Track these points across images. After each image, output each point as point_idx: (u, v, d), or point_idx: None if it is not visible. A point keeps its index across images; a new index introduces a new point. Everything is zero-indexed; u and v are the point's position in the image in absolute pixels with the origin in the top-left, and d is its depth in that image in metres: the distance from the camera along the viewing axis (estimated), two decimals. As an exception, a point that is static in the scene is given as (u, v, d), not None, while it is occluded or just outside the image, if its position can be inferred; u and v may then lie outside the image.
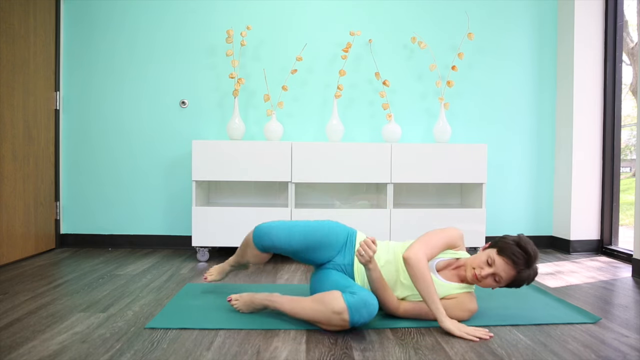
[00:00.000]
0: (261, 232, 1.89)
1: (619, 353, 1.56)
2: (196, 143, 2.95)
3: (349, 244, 1.93)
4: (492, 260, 1.70)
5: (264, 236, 1.88)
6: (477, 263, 1.74)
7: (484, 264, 1.72)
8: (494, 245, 1.76)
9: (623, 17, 3.34)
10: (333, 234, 1.92)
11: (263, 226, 1.90)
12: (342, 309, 1.61)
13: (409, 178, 3.01)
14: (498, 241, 1.76)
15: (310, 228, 1.90)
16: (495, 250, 1.72)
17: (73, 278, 2.47)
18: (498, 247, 1.72)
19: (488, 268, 1.71)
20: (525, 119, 3.50)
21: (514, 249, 1.68)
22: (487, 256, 1.72)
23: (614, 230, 3.32)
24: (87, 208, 3.36)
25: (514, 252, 1.68)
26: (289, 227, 1.89)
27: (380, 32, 3.40)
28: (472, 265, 1.76)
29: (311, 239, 1.89)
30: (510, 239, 1.74)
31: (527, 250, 1.68)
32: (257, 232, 1.91)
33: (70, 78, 3.35)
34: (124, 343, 1.59)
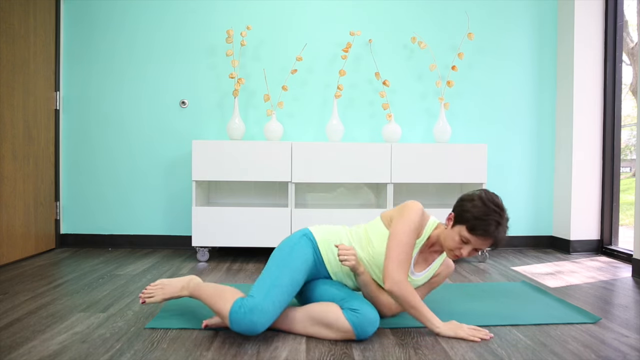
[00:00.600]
0: (244, 327, 1.53)
1: (619, 353, 1.56)
2: (196, 143, 2.95)
3: (318, 253, 1.79)
4: (467, 238, 1.64)
5: (249, 330, 1.54)
6: (453, 245, 1.67)
7: (459, 243, 1.66)
8: (460, 219, 1.66)
9: (623, 17, 3.34)
10: (307, 262, 1.73)
11: (245, 321, 1.52)
12: (347, 329, 1.61)
13: (409, 178, 3.01)
14: (462, 213, 1.65)
15: (293, 279, 1.66)
16: (465, 228, 1.64)
17: (73, 278, 2.47)
18: (467, 225, 1.63)
19: (466, 246, 1.66)
20: (525, 119, 3.50)
21: (483, 223, 1.61)
22: (459, 236, 1.65)
23: (614, 230, 3.32)
24: (87, 208, 3.36)
25: (485, 228, 1.61)
26: (277, 303, 1.58)
27: (380, 32, 3.40)
28: (449, 248, 1.70)
29: (299, 287, 1.70)
30: (473, 208, 1.63)
31: (496, 216, 1.62)
32: (239, 325, 1.54)
33: (70, 78, 3.35)
34: (124, 343, 1.59)
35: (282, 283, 1.62)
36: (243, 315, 1.52)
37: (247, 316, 1.52)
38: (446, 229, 1.71)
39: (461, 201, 1.70)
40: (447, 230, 1.71)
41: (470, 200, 1.66)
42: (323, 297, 1.73)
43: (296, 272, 1.68)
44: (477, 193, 1.68)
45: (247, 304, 1.53)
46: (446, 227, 1.72)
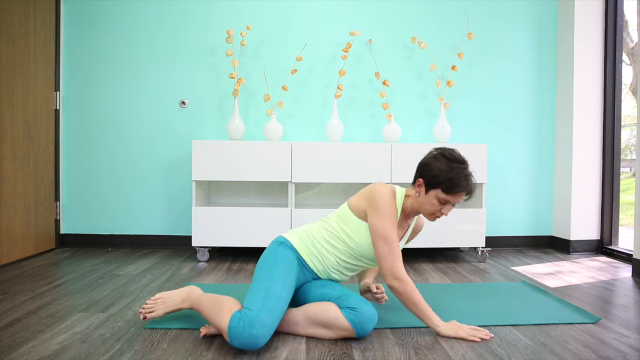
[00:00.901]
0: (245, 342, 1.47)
1: (619, 353, 1.56)
2: (196, 143, 2.95)
3: (300, 258, 1.77)
4: (445, 199, 1.69)
5: (250, 345, 1.48)
6: (433, 209, 1.71)
7: (438, 206, 1.70)
8: (432, 183, 1.69)
9: (623, 17, 3.34)
10: (294, 266, 1.72)
11: (245, 335, 1.46)
12: (347, 328, 1.61)
13: (409, 178, 3.00)
14: (432, 178, 1.68)
15: (285, 286, 1.63)
16: (441, 190, 1.68)
17: (73, 278, 2.47)
18: (442, 187, 1.67)
19: (446, 206, 1.71)
20: (525, 119, 3.50)
21: (456, 182, 1.66)
22: (436, 199, 1.69)
23: (614, 230, 3.32)
24: (87, 208, 3.36)
25: (459, 185, 1.66)
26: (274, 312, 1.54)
27: (380, 32, 3.40)
28: (428, 212, 1.73)
29: (291, 292, 1.66)
30: (442, 171, 1.67)
31: (464, 171, 1.68)
32: (239, 341, 1.47)
33: (70, 78, 3.35)
34: (124, 343, 1.59)
35: (275, 291, 1.58)
36: (242, 329, 1.46)
37: (247, 330, 1.46)
38: (418, 196, 1.73)
39: (426, 166, 1.72)
40: (421, 198, 1.73)
41: (436, 162, 1.70)
42: (318, 298, 1.73)
43: (286, 278, 1.66)
44: (436, 154, 1.73)
45: (245, 317, 1.48)
46: (417, 194, 1.73)
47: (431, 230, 2.98)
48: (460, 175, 1.67)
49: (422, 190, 1.72)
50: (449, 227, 2.99)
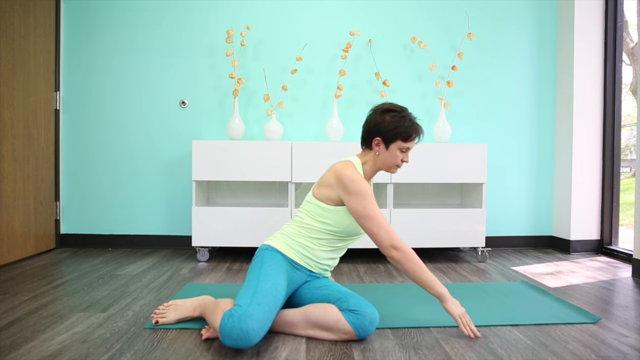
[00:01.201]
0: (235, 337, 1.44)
1: (619, 353, 1.56)
2: (196, 143, 2.95)
3: (288, 259, 1.78)
4: (405, 147, 1.78)
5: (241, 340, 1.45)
6: (396, 161, 1.79)
7: (400, 154, 1.79)
8: (390, 137, 1.76)
9: (623, 17, 3.34)
10: (282, 266, 1.72)
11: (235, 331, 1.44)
12: (348, 331, 1.61)
13: (409, 178, 3.01)
14: (389, 132, 1.76)
15: (275, 283, 1.63)
16: (401, 140, 1.77)
17: (73, 278, 2.47)
18: (401, 137, 1.76)
19: (405, 154, 1.80)
20: (525, 119, 3.50)
21: (409, 127, 1.76)
22: (398, 150, 1.78)
23: (614, 230, 3.32)
24: (87, 208, 3.36)
25: (413, 129, 1.77)
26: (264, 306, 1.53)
27: (380, 32, 3.40)
28: (391, 165, 1.81)
29: (283, 290, 1.65)
30: (393, 123, 1.75)
31: (409, 115, 1.78)
32: (230, 337, 1.45)
33: (70, 78, 3.35)
34: (124, 343, 1.59)
35: (264, 287, 1.58)
36: (232, 325, 1.44)
37: (236, 326, 1.43)
38: (378, 155, 1.80)
39: (377, 125, 1.78)
40: (382, 155, 1.80)
41: (384, 118, 1.77)
42: (317, 300, 1.73)
43: (275, 275, 1.65)
44: (380, 111, 1.79)
45: (235, 313, 1.46)
46: (377, 153, 1.80)
47: (431, 230, 2.98)
48: (411, 121, 1.78)
49: (381, 148, 1.79)
50: (449, 227, 2.99)
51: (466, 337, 1.68)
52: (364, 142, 1.84)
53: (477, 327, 1.78)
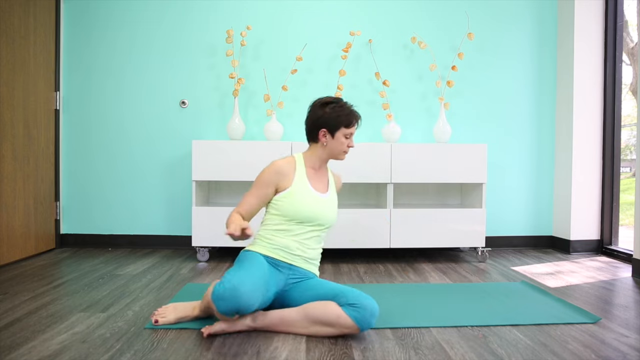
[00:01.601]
0: (228, 296, 1.57)
1: (619, 353, 1.56)
2: (196, 143, 2.94)
3: (266, 258, 1.85)
4: (349, 133, 1.91)
5: (233, 298, 1.57)
6: (343, 147, 1.92)
7: (345, 140, 1.91)
8: (334, 126, 1.88)
9: (623, 17, 3.34)
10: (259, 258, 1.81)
11: (227, 293, 1.56)
12: (350, 325, 1.62)
13: (409, 178, 3.01)
14: (331, 121, 1.88)
15: (258, 266, 1.74)
16: (344, 127, 1.89)
17: (73, 278, 2.47)
18: (344, 124, 1.89)
19: (350, 139, 1.93)
20: (525, 119, 3.50)
21: (349, 113, 1.89)
22: (343, 136, 1.90)
23: (614, 230, 3.32)
24: (87, 208, 3.36)
25: (352, 115, 1.91)
26: (249, 271, 1.67)
27: (380, 32, 3.40)
28: (340, 152, 1.93)
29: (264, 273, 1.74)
30: (334, 112, 1.88)
31: (346, 103, 1.92)
32: (222, 299, 1.57)
33: (70, 78, 3.35)
34: (124, 343, 1.59)
35: (245, 266, 1.71)
36: (223, 288, 1.57)
37: (227, 287, 1.56)
38: (325, 145, 1.92)
39: (320, 118, 1.90)
40: (329, 144, 1.92)
41: (325, 110, 1.89)
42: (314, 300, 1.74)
43: (257, 263, 1.76)
44: (319, 105, 1.92)
45: (224, 279, 1.61)
46: (325, 143, 1.92)
47: (431, 230, 2.98)
48: (349, 109, 1.92)
49: (327, 139, 1.91)
50: (449, 227, 2.99)
51: (466, 337, 1.68)
52: (310, 137, 1.95)
53: (477, 327, 1.78)
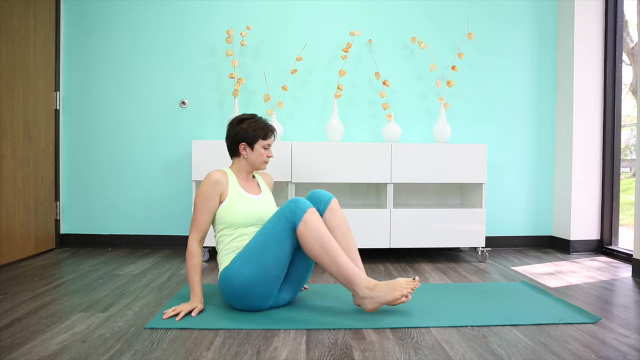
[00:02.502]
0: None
1: (619, 353, 1.56)
2: (196, 143, 2.95)
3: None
4: (267, 144, 2.09)
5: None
6: (263, 158, 2.09)
7: (264, 152, 2.08)
8: (252, 140, 2.05)
9: (623, 17, 3.34)
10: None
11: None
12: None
13: (409, 178, 3.01)
14: (249, 135, 2.05)
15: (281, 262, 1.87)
16: (261, 139, 2.07)
17: (73, 278, 2.47)
18: (261, 137, 2.06)
19: (268, 150, 2.10)
20: (525, 119, 3.50)
21: (264, 126, 2.07)
22: (261, 148, 2.07)
23: (614, 230, 3.32)
24: (87, 208, 3.37)
25: (268, 128, 2.09)
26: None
27: (380, 32, 3.40)
28: (261, 162, 2.09)
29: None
30: (251, 127, 2.05)
31: (261, 119, 2.10)
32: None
33: (70, 78, 3.35)
34: (124, 343, 1.59)
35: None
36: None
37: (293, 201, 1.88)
38: (246, 157, 2.08)
39: (238, 134, 2.06)
40: (249, 156, 2.07)
41: (242, 126, 2.06)
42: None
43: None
44: (235, 122, 2.08)
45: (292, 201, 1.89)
46: (245, 156, 2.07)
47: (431, 230, 2.98)
48: (264, 122, 2.10)
49: (247, 151, 2.07)
50: (449, 227, 2.99)
51: (466, 337, 1.68)
52: (231, 152, 2.10)
53: (477, 327, 1.78)
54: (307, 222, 1.80)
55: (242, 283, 1.83)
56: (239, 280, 1.83)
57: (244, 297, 1.85)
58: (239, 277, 1.83)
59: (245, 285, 1.83)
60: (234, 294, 1.86)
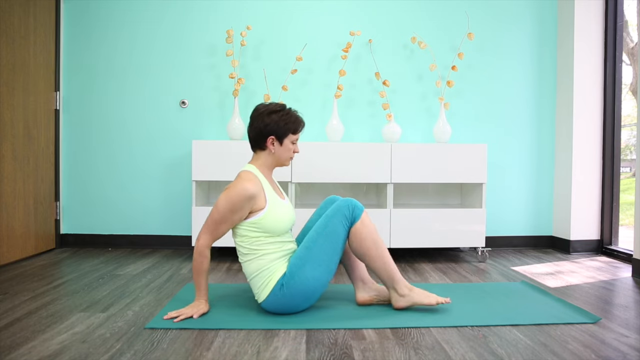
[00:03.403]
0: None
1: (619, 353, 1.56)
2: (196, 143, 2.95)
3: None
4: (295, 139, 1.99)
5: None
6: (289, 154, 1.99)
7: (292, 147, 1.98)
8: (282, 134, 1.93)
9: (623, 17, 3.34)
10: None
11: None
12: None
13: (409, 178, 3.01)
14: (279, 129, 1.93)
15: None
16: (291, 134, 1.95)
17: (73, 278, 2.47)
18: (291, 131, 1.95)
19: (295, 145, 2.00)
20: (525, 119, 3.50)
21: (295, 120, 1.95)
22: (290, 143, 1.97)
23: (614, 230, 3.32)
24: (87, 208, 3.36)
25: (299, 121, 1.97)
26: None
27: (380, 32, 3.40)
28: (287, 158, 2.00)
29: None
30: (282, 119, 1.93)
31: (290, 109, 1.97)
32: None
33: (70, 78, 3.35)
34: (124, 343, 1.59)
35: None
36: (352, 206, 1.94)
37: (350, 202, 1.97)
38: (274, 152, 1.96)
39: (268, 126, 1.92)
40: (277, 151, 1.96)
41: (272, 118, 1.92)
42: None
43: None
44: (265, 113, 1.93)
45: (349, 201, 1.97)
46: (272, 151, 1.95)
47: (431, 230, 2.98)
48: (295, 115, 1.97)
49: (275, 146, 1.95)
50: (449, 227, 2.99)
51: (466, 337, 1.68)
52: (256, 145, 1.97)
53: (477, 327, 1.78)
54: (364, 221, 1.90)
55: (315, 285, 1.84)
56: (313, 284, 1.84)
57: (311, 297, 1.87)
58: (312, 280, 1.83)
59: (317, 286, 1.85)
60: (304, 297, 1.85)
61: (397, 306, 1.94)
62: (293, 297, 1.83)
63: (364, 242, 1.89)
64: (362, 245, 1.89)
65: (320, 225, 1.88)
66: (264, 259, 1.87)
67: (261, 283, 1.86)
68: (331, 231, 1.86)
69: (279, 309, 1.87)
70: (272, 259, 1.87)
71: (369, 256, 1.90)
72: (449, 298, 1.93)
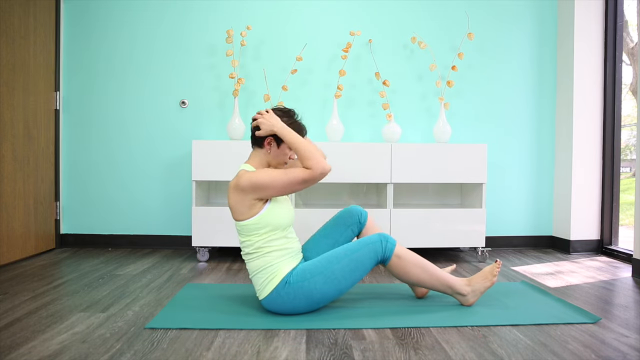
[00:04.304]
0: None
1: (619, 353, 1.56)
2: (196, 143, 2.95)
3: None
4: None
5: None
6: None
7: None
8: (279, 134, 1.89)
9: (623, 17, 3.34)
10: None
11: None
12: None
13: (409, 178, 3.01)
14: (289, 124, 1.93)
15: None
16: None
17: (73, 278, 2.47)
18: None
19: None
20: (525, 118, 3.50)
21: (297, 127, 1.94)
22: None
23: (614, 230, 3.32)
24: (87, 208, 3.36)
25: (301, 130, 1.96)
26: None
27: (380, 32, 3.40)
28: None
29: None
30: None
31: (295, 115, 1.98)
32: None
33: (70, 78, 3.35)
34: (124, 343, 1.59)
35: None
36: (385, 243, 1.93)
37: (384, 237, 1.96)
38: (269, 153, 1.94)
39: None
40: (273, 152, 1.94)
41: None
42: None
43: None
44: (276, 110, 1.95)
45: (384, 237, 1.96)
46: (268, 151, 1.94)
47: (431, 230, 2.98)
48: (299, 124, 1.97)
49: (272, 147, 1.93)
50: (449, 227, 2.99)
51: (466, 337, 1.68)
52: (255, 142, 1.97)
53: (477, 327, 1.78)
54: (400, 255, 1.91)
55: (320, 298, 1.85)
56: (318, 296, 1.85)
57: (312, 305, 1.88)
58: (318, 293, 1.84)
59: (321, 299, 1.86)
60: (306, 301, 1.85)
61: (469, 304, 2.01)
62: (295, 299, 1.83)
63: (410, 273, 1.92)
64: (410, 277, 1.93)
65: (351, 248, 1.89)
66: (270, 256, 1.87)
67: (264, 279, 1.86)
68: (359, 259, 1.86)
69: (278, 308, 1.86)
70: (277, 256, 1.88)
71: (420, 280, 1.95)
72: (498, 260, 2.01)
